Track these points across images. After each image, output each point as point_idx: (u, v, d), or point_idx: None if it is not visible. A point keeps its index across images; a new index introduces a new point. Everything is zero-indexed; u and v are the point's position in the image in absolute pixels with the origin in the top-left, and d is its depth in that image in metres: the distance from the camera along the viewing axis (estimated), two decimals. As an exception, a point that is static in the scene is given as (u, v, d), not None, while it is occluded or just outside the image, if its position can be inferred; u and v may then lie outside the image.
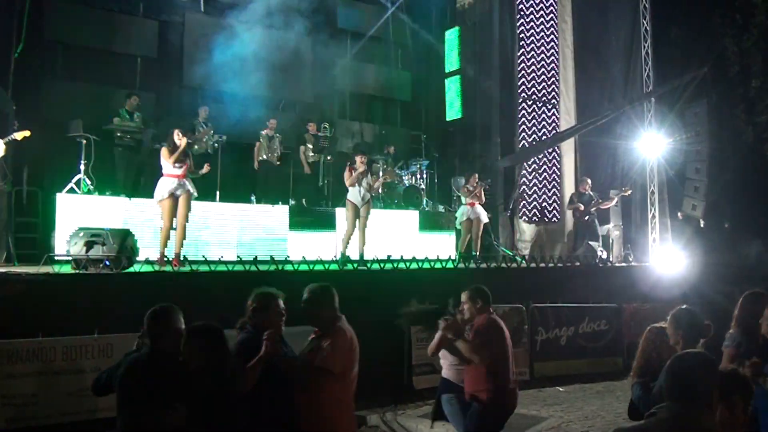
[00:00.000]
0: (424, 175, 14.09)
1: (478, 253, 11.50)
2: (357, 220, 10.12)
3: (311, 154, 12.99)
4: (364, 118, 16.32)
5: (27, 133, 8.07)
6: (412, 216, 12.47)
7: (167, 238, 8.64)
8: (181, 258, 8.68)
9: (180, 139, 8.66)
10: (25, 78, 9.97)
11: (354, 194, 10.15)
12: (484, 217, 11.82)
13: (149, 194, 9.33)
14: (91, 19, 12.37)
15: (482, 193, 11.95)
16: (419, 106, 16.91)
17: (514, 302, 9.34)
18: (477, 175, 11.96)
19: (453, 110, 16.02)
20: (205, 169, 9.34)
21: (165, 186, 8.60)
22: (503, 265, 10.92)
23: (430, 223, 12.70)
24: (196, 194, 8.94)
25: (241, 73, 12.46)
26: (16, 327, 6.14)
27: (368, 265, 9.69)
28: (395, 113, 17.01)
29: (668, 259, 13.00)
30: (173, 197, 8.55)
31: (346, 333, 4.34)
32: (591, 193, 13.05)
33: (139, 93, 11.64)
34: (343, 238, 10.20)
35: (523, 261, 11.68)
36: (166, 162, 8.65)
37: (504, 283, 9.72)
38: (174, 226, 8.68)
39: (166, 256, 8.62)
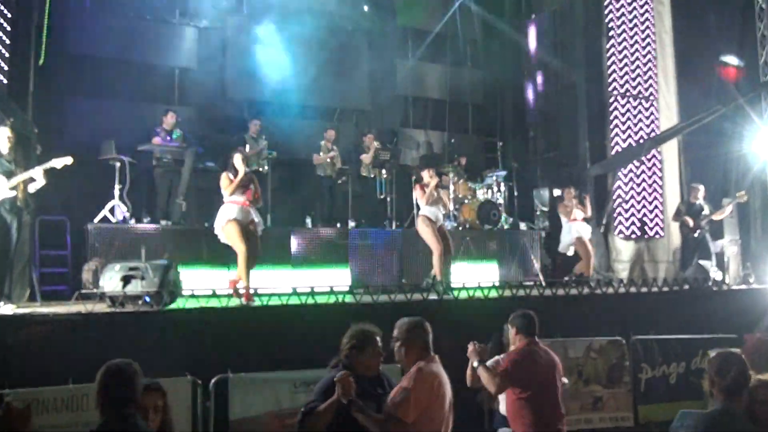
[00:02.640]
0: (502, 188, 13.97)
1: (594, 273, 11.46)
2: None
3: (370, 168, 13.10)
4: (430, 125, 16.44)
5: (69, 160, 8.12)
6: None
7: (247, 263, 8.53)
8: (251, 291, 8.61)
9: (240, 165, 8.74)
10: (48, 97, 10.37)
11: (430, 211, 10.14)
12: (587, 234, 11.77)
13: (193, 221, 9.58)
14: (120, 29, 12.63)
15: (587, 204, 11.95)
16: (494, 110, 16.87)
17: (611, 334, 9.13)
18: (573, 189, 11.92)
19: (533, 112, 15.89)
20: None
21: (227, 212, 8.63)
22: (597, 290, 10.71)
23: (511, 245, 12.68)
24: (262, 226, 8.98)
25: (291, 81, 12.69)
26: (42, 373, 6.18)
27: (455, 293, 9.70)
28: (466, 118, 16.95)
29: (798, 278, 12.57)
30: (236, 222, 8.55)
31: (429, 376, 4.40)
32: (702, 202, 12.70)
33: (178, 109, 11.98)
34: (435, 260, 10.03)
35: (622, 285, 11.43)
36: (224, 190, 8.73)
37: (599, 312, 9.56)
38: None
39: (236, 288, 8.59)
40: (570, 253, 11.91)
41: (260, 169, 11.89)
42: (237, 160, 8.76)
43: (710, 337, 9.79)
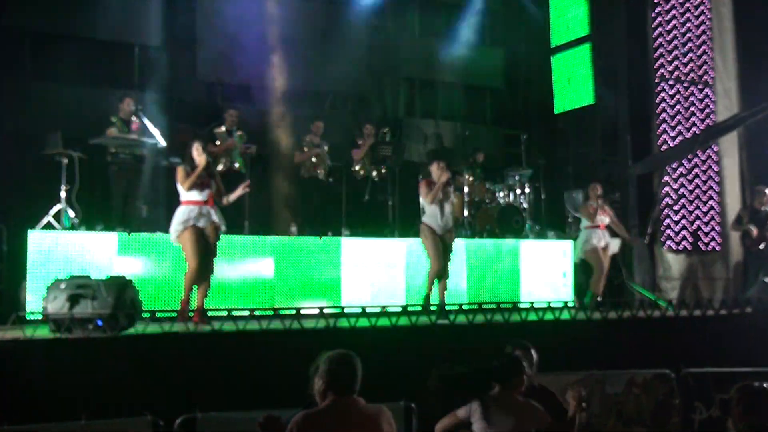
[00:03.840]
0: (527, 190, 13.92)
1: (599, 297, 11.41)
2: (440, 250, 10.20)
3: (367, 165, 12.99)
4: (441, 114, 16.44)
5: None
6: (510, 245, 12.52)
7: (194, 282, 8.75)
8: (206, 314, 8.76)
9: (199, 155, 8.84)
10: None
11: (432, 216, 10.16)
12: (615, 246, 11.71)
13: (156, 228, 9.53)
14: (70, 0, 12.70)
15: (610, 210, 11.87)
16: (517, 96, 16.93)
17: (658, 367, 9.10)
18: (599, 186, 11.87)
19: (564, 99, 15.90)
20: (240, 191, 9.39)
21: (182, 215, 8.75)
22: (640, 313, 10.69)
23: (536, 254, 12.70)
24: (224, 228, 9.04)
25: (273, 61, 12.68)
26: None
27: (450, 318, 9.70)
28: (483, 106, 17.07)
29: None
30: (194, 229, 8.70)
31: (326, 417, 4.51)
32: (768, 209, 12.73)
33: (139, 94, 11.91)
34: (428, 274, 10.23)
35: (670, 307, 11.41)
36: (180, 186, 8.85)
37: (643, 340, 9.53)
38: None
39: (191, 310, 8.74)
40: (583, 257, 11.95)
41: (236, 165, 11.87)
42: (194, 149, 8.84)
43: (778, 370, 9.81)
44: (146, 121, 10.80)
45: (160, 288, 9.71)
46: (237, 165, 11.80)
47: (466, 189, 12.94)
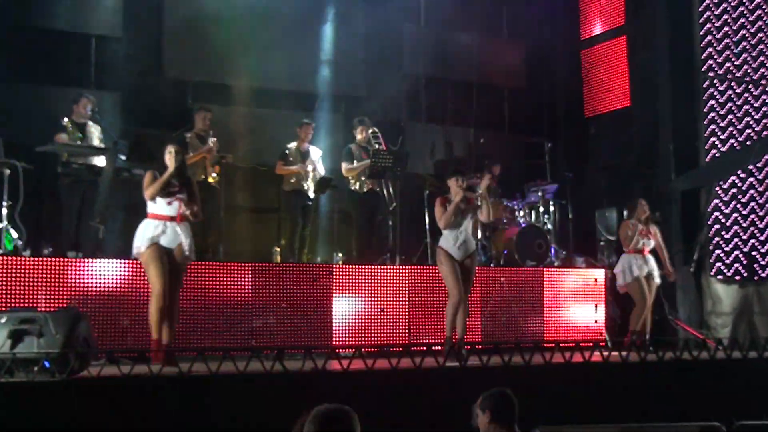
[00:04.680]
0: (551, 208, 13.96)
1: (640, 335, 11.45)
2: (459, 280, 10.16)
3: (363, 180, 12.88)
4: (450, 118, 16.30)
5: None
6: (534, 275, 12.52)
7: (162, 311, 8.68)
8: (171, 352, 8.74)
9: (171, 159, 8.88)
10: None
11: (449, 240, 10.14)
12: (657, 275, 11.77)
13: (116, 251, 9.48)
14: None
15: (657, 232, 11.91)
16: (540, 97, 16.87)
17: (706, 419, 9.06)
18: (645, 204, 11.90)
19: (596, 101, 15.92)
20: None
21: (145, 230, 8.75)
22: (685, 355, 10.68)
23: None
24: (191, 255, 9.05)
25: (252, 56, 12.68)
26: None
27: (463, 357, 9.69)
28: (500, 109, 16.83)
29: None
30: (159, 247, 8.70)
31: None
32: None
33: (95, 93, 11.87)
34: (447, 311, 10.19)
35: (720, 347, 11.39)
36: (144, 194, 8.86)
37: (689, 387, 9.53)
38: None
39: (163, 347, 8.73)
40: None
41: (209, 177, 11.90)
42: (167, 152, 8.89)
43: None
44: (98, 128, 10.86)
45: (119, 322, 9.70)
46: (213, 177, 11.82)
47: (479, 203, 12.77)
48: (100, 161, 11.00)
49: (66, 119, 10.94)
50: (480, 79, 16.27)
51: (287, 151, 12.57)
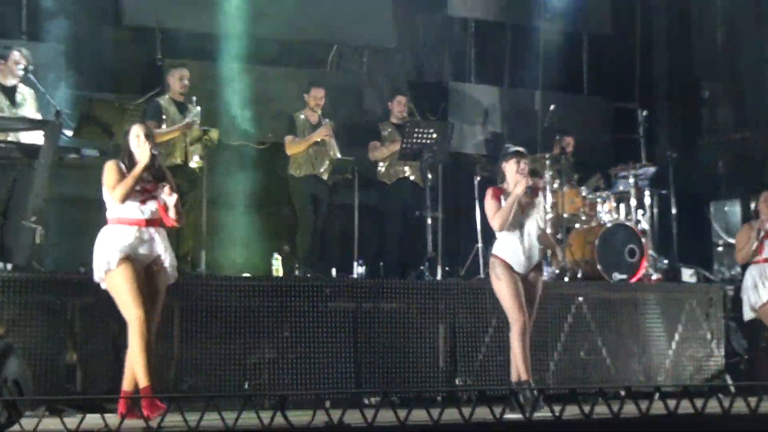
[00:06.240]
0: (648, 200, 13.79)
1: None
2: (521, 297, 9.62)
3: (393, 165, 12.95)
4: (509, 78, 16.27)
5: None
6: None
7: (150, 349, 8.52)
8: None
9: (141, 145, 8.52)
10: None
11: (508, 245, 9.79)
12: None
13: (59, 261, 9.50)
14: None
15: None
16: (632, 50, 16.70)
17: None
18: None
19: (709, 57, 15.81)
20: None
21: (111, 241, 8.41)
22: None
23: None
24: (174, 272, 8.78)
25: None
26: None
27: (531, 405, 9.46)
28: (577, 66, 16.79)
29: None
30: (130, 262, 8.44)
31: None
32: None
33: (30, 45, 11.81)
34: (513, 340, 9.93)
35: None
36: (110, 195, 8.46)
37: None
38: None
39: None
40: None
41: (189, 162, 11.84)
42: (134, 136, 8.56)
43: None
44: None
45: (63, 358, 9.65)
46: (197, 160, 11.81)
47: (547, 197, 12.52)
48: (36, 138, 10.65)
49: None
50: (548, 24, 16.17)
51: (293, 124, 12.50)
